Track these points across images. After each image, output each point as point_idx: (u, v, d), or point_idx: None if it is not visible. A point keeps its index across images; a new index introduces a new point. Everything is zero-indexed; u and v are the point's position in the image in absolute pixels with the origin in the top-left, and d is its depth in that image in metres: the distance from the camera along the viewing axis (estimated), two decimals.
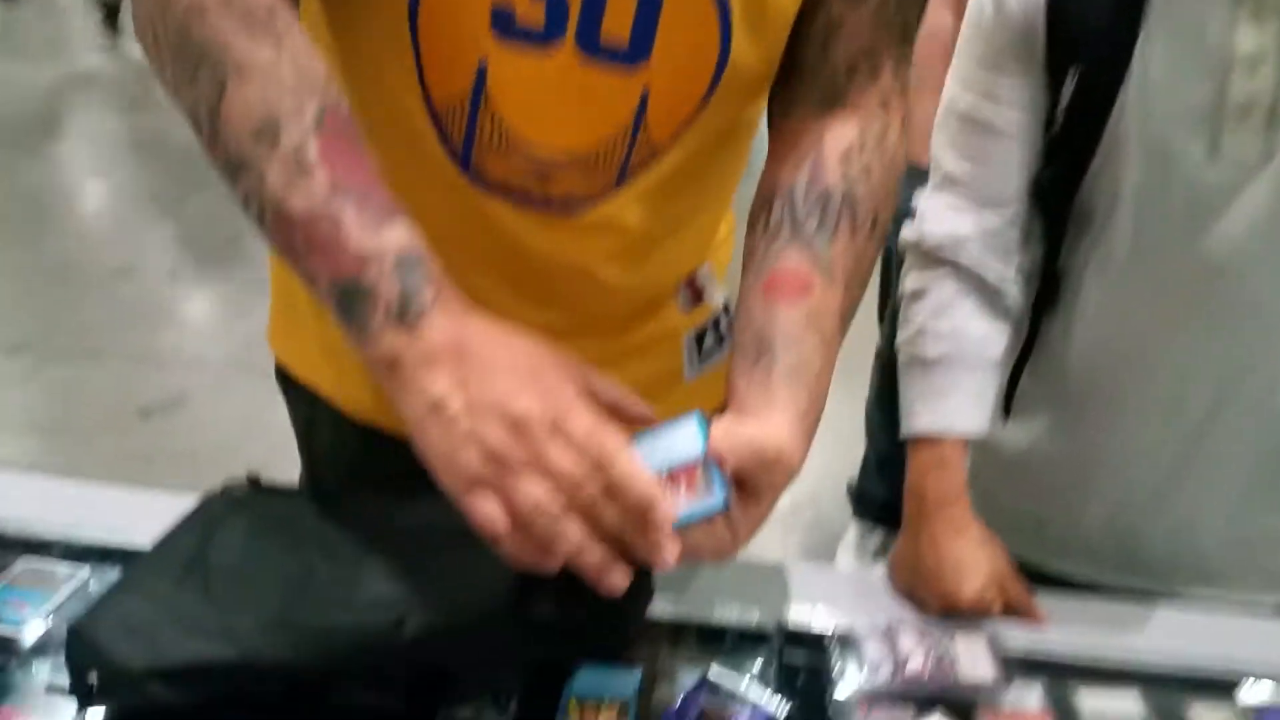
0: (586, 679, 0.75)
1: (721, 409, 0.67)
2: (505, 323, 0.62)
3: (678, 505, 0.60)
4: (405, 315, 0.60)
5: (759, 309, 0.69)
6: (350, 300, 0.61)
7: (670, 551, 0.57)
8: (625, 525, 0.57)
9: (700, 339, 0.93)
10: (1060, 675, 0.78)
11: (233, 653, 0.69)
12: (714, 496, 0.60)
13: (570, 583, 0.71)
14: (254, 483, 0.86)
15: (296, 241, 0.62)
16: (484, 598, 0.70)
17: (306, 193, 0.61)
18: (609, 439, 0.57)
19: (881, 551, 2.02)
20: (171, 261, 3.30)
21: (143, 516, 0.82)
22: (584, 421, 0.58)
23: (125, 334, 2.97)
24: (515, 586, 0.70)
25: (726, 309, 0.94)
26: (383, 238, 0.61)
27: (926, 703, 0.74)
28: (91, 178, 4.26)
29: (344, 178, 0.62)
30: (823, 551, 2.14)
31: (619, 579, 0.58)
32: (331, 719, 0.72)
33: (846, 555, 2.05)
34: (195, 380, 2.66)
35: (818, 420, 0.67)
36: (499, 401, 0.57)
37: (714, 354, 0.93)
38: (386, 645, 0.69)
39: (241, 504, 0.83)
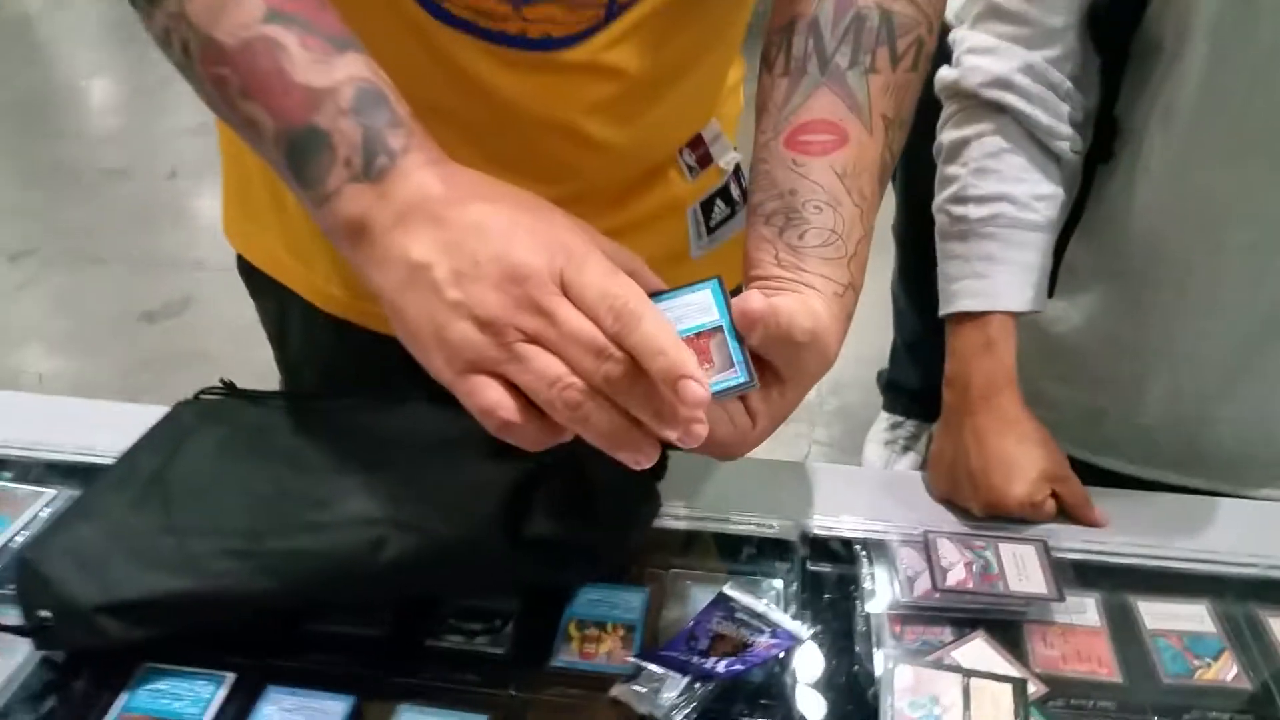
0: (588, 600, 0.69)
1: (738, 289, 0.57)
2: (492, 177, 0.52)
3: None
4: (371, 167, 0.50)
5: (781, 167, 0.58)
6: (302, 152, 0.51)
7: (702, 429, 0.46)
8: (651, 396, 0.46)
9: (708, 208, 0.82)
10: (1119, 586, 0.70)
11: (191, 584, 0.63)
12: (737, 372, 0.51)
13: (568, 493, 0.64)
14: (229, 388, 0.79)
15: (229, 81, 0.52)
16: (473, 514, 0.64)
17: (238, 18, 0.51)
18: (629, 294, 0.47)
19: (912, 442, 1.94)
20: (170, 161, 3.20)
21: (115, 432, 0.75)
22: (597, 276, 0.47)
23: (127, 237, 2.89)
24: (508, 501, 0.63)
25: (738, 172, 0.83)
26: (335, 71, 0.51)
27: (967, 621, 0.66)
28: (83, 77, 4.13)
29: (283, 1, 0.52)
30: (848, 444, 2.06)
31: (652, 454, 0.48)
32: (307, 651, 0.66)
33: (874, 448, 1.96)
34: (200, 282, 2.59)
35: (856, 300, 0.57)
36: (493, 258, 0.47)
37: (724, 225, 0.83)
38: (364, 570, 0.63)
39: (213, 413, 0.77)
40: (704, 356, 0.51)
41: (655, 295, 0.52)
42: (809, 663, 0.64)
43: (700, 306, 0.52)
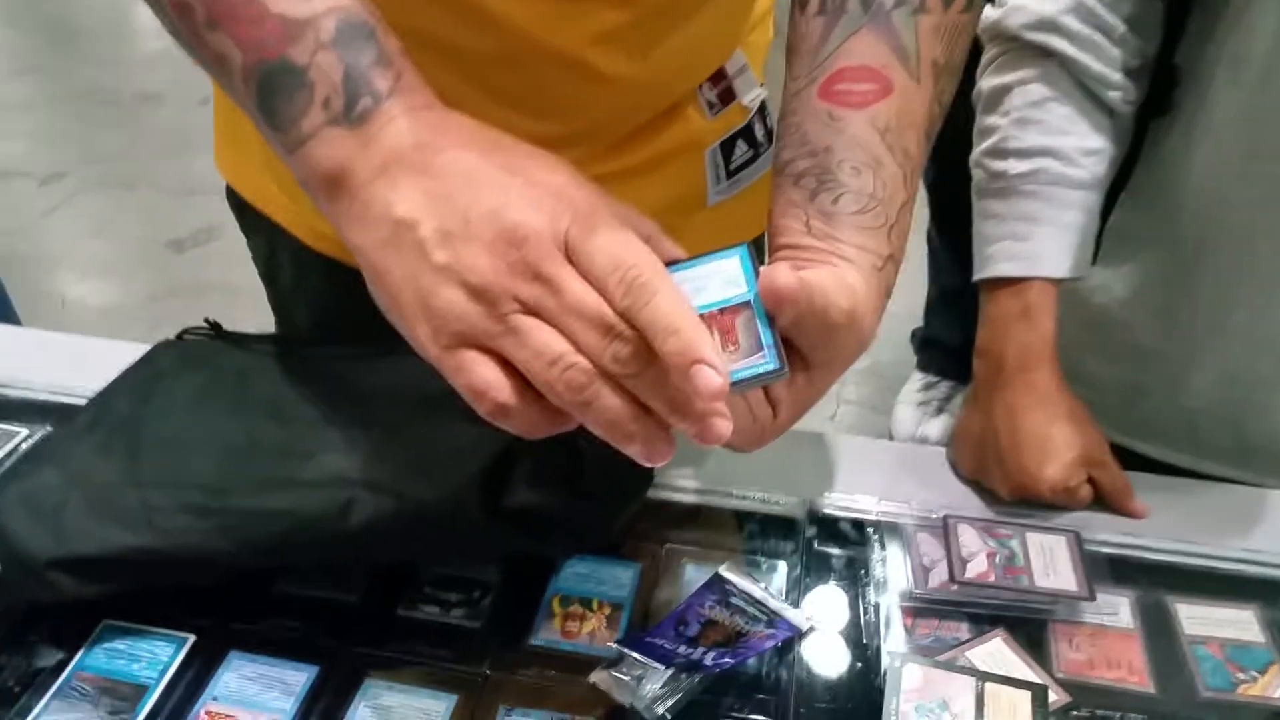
0: (574, 574, 0.65)
1: (762, 255, 0.51)
2: (490, 126, 0.46)
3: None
4: (352, 109, 0.44)
5: (814, 120, 0.52)
6: (274, 90, 0.45)
7: (724, 425, 0.40)
8: (664, 383, 0.40)
9: (728, 149, 0.75)
10: (1156, 585, 0.64)
11: (149, 541, 0.60)
12: (765, 358, 0.43)
13: (554, 462, 0.59)
14: (214, 329, 0.75)
15: (193, 9, 0.46)
16: (450, 480, 0.59)
17: None
18: (643, 263, 0.41)
19: (945, 403, 1.86)
20: (204, 88, 3.16)
21: (100, 370, 0.71)
22: (607, 240, 0.41)
23: (158, 163, 2.86)
24: (489, 467, 0.58)
25: (763, 110, 0.76)
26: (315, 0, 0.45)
27: (986, 618, 0.61)
28: (123, 1, 4.08)
29: None
30: (879, 404, 1.99)
31: (665, 451, 0.42)
32: (273, 614, 0.62)
33: (906, 409, 1.89)
34: (228, 212, 2.55)
35: (896, 273, 0.51)
36: (488, 216, 0.41)
37: (745, 169, 0.77)
38: (331, 534, 0.59)
39: (193, 356, 0.74)
40: (728, 336, 0.44)
41: (674, 263, 0.45)
42: (808, 654, 0.59)
43: (726, 277, 0.45)
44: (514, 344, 0.41)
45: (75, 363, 0.79)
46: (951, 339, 1.85)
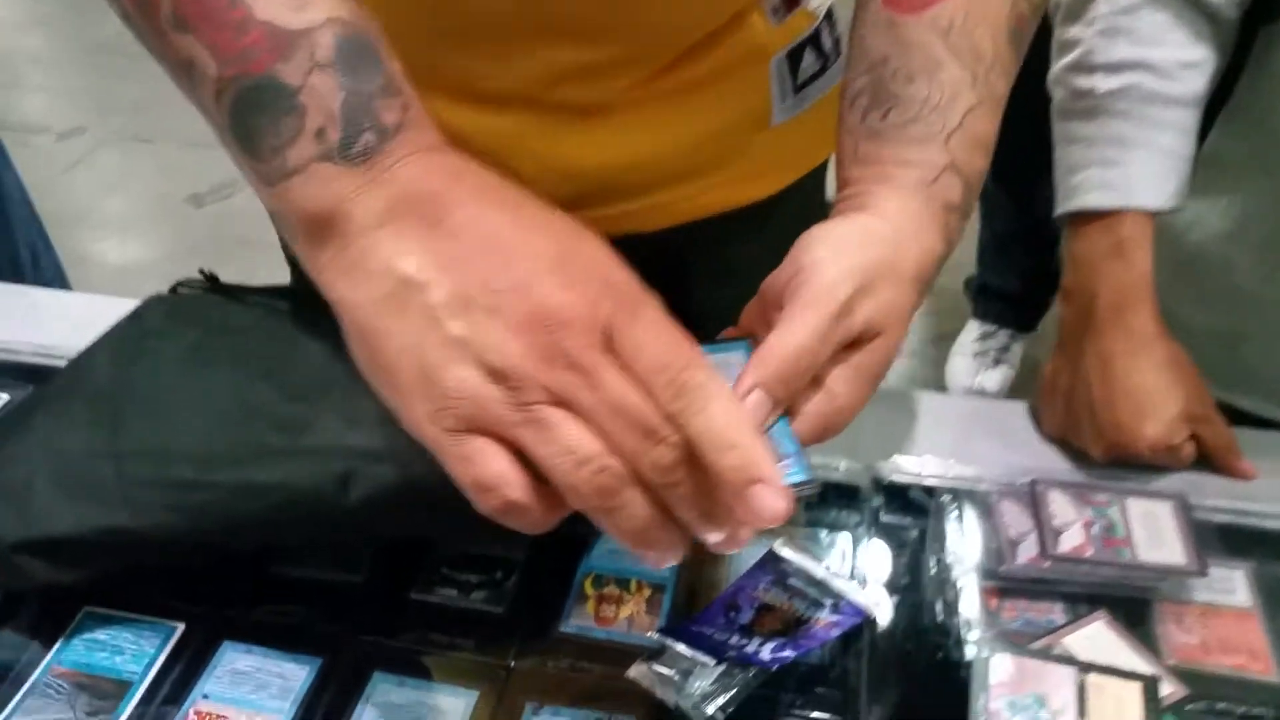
0: (608, 550, 0.57)
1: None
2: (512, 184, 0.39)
3: None
4: (352, 144, 0.37)
5: (876, 32, 0.48)
6: (256, 110, 0.38)
7: (748, 535, 0.37)
8: (703, 494, 0.36)
9: (795, 60, 0.67)
10: (1276, 555, 0.56)
11: (127, 520, 0.53)
12: (790, 468, 0.40)
13: None
14: (210, 281, 0.68)
15: (157, 5, 0.39)
16: None
17: None
18: (695, 363, 0.36)
19: (1003, 354, 1.77)
20: None
21: (91, 329, 0.64)
22: (655, 334, 0.36)
23: (176, 116, 2.77)
24: None
25: (830, 16, 0.69)
26: (309, 8, 0.38)
27: (1083, 598, 0.53)
28: None
29: None
30: (932, 356, 1.89)
31: (679, 557, 0.38)
32: (272, 598, 0.56)
33: (962, 361, 1.79)
34: None
35: (964, 184, 0.46)
36: (517, 289, 0.35)
37: (813, 82, 0.69)
38: (329, 510, 0.53)
39: (185, 312, 0.67)
40: None
41: None
42: (879, 643, 0.52)
43: (732, 374, 0.40)
44: (538, 438, 0.35)
45: (70, 323, 0.72)
46: (1008, 286, 1.76)
